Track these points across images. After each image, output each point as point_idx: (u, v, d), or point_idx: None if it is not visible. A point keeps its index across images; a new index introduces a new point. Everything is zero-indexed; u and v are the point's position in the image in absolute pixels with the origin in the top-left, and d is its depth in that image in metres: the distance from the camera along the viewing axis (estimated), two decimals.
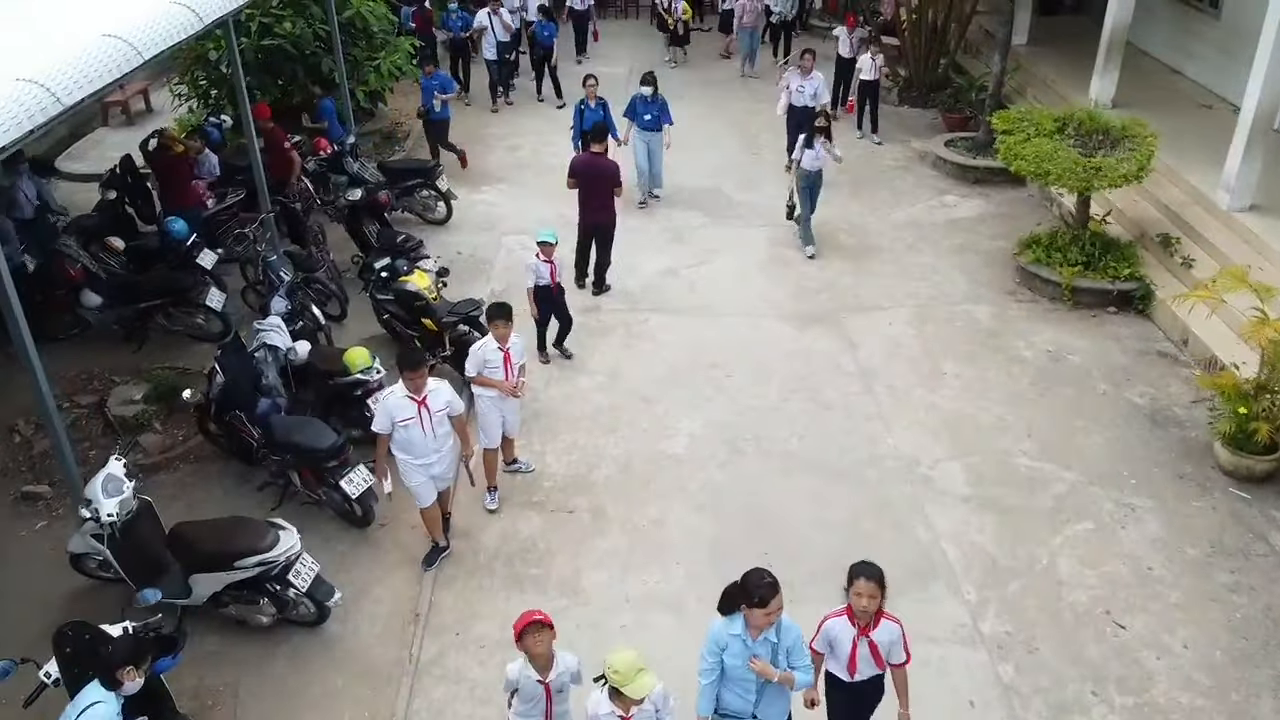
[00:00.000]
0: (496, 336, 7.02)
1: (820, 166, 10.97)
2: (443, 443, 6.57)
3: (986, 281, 10.70)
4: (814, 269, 11.05)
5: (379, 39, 13.92)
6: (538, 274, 8.66)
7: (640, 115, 12.02)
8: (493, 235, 11.95)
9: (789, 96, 12.83)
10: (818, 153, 10.87)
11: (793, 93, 12.75)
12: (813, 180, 11.07)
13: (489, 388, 7.12)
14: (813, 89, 12.66)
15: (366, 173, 11.83)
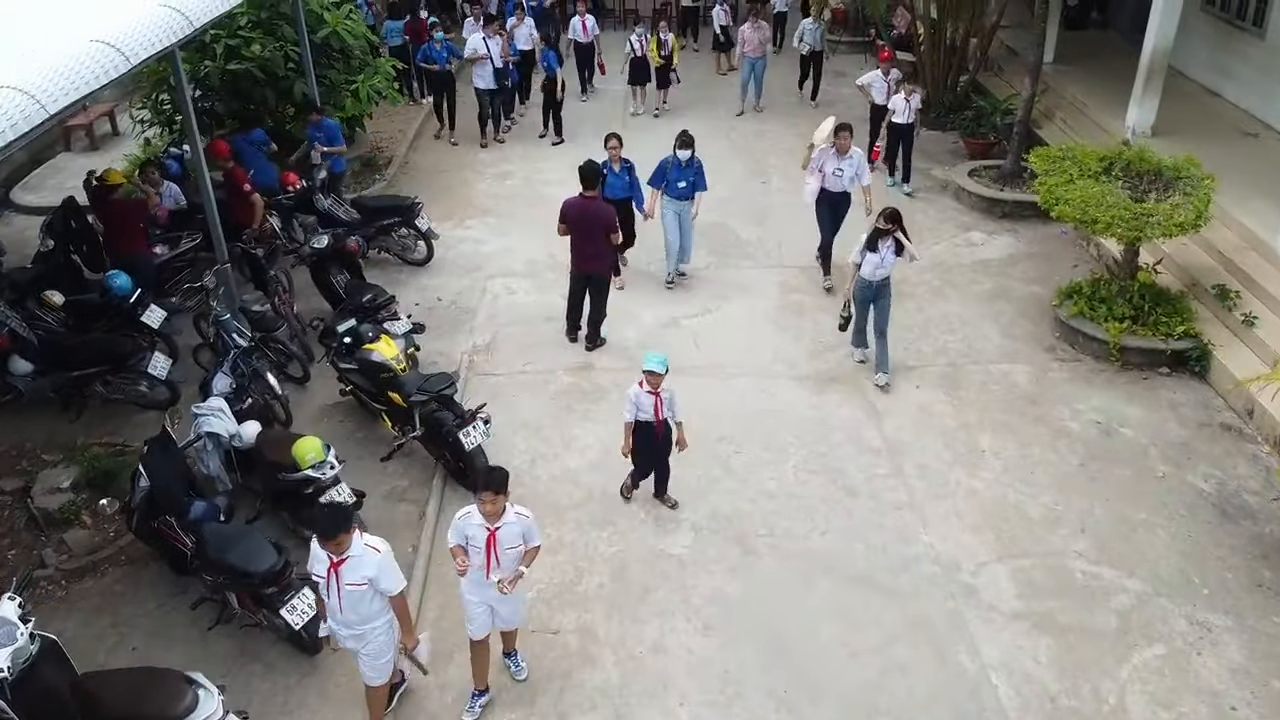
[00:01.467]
0: (484, 512, 5.26)
1: (887, 274, 8.64)
2: (365, 620, 5.15)
3: (1022, 335, 9.66)
4: (830, 319, 10.00)
5: (357, 60, 12.90)
6: (638, 406, 6.85)
7: (674, 183, 10.03)
8: (477, 279, 10.91)
9: (821, 180, 10.14)
10: (883, 258, 8.47)
11: (827, 176, 10.09)
12: (876, 291, 8.69)
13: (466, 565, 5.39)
14: (851, 171, 10.05)
15: (340, 210, 10.84)
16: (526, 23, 15.55)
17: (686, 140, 10.03)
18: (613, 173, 9.94)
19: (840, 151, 9.94)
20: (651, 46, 15.21)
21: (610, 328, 9.64)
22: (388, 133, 14.99)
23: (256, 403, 7.41)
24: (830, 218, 10.32)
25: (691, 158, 10.04)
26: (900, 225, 8.39)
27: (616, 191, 9.92)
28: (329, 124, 11.66)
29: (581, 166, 8.91)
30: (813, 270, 10.93)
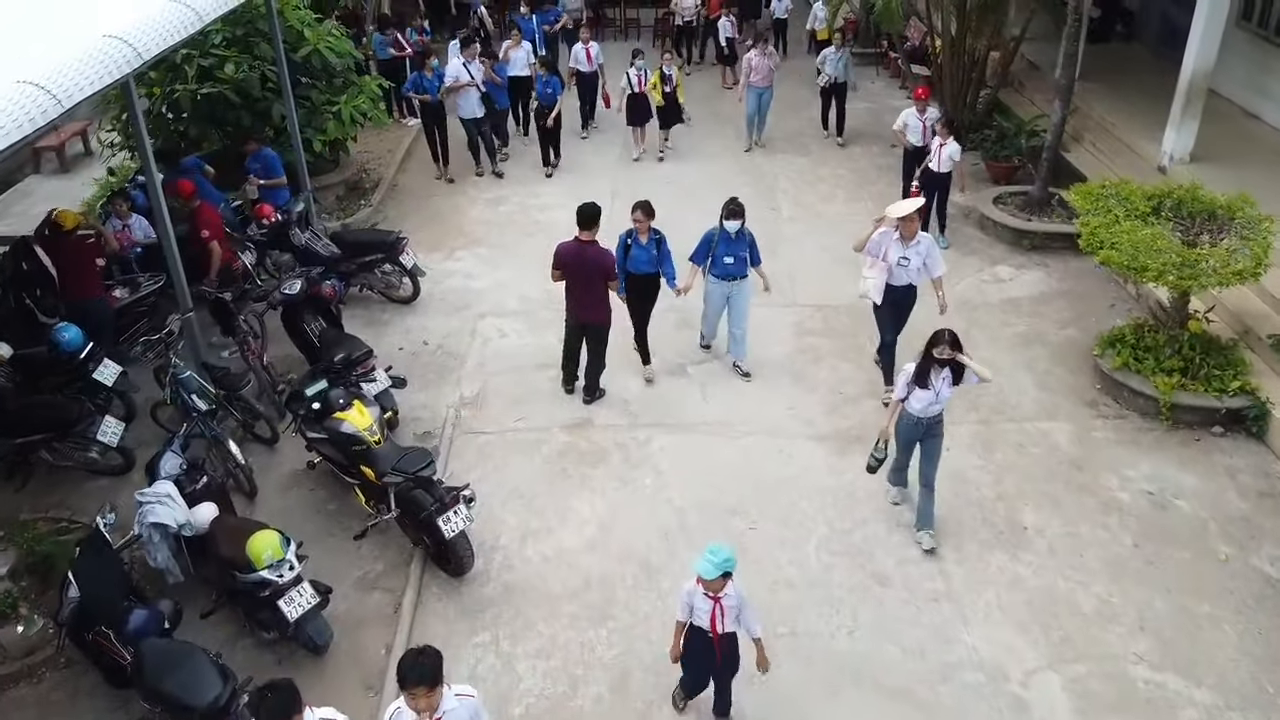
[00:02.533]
0: (415, 708, 4.35)
1: (940, 410, 6.74)
2: None
3: (1060, 387, 8.85)
4: (849, 368, 9.21)
5: (340, 80, 12.08)
6: (692, 608, 5.24)
7: (720, 258, 8.53)
8: (466, 318, 10.10)
9: (884, 273, 8.13)
10: (939, 393, 6.56)
11: (891, 267, 8.12)
12: (926, 429, 6.77)
13: None
14: (919, 260, 8.07)
15: (318, 244, 10.02)
16: (524, 46, 14.19)
17: (735, 209, 8.43)
18: (639, 244, 8.43)
19: (906, 237, 8.00)
20: (653, 81, 13.44)
21: (610, 376, 8.84)
22: (376, 153, 14.18)
23: (213, 481, 6.59)
24: (893, 316, 8.43)
25: (741, 229, 8.49)
26: (960, 348, 6.50)
27: (641, 266, 8.45)
28: (266, 154, 10.61)
29: (581, 207, 8.10)
30: (829, 311, 10.14)
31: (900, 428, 6.76)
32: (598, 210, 8.09)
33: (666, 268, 8.55)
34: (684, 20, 18.06)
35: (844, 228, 11.90)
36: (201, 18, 7.92)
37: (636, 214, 8.42)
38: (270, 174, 10.49)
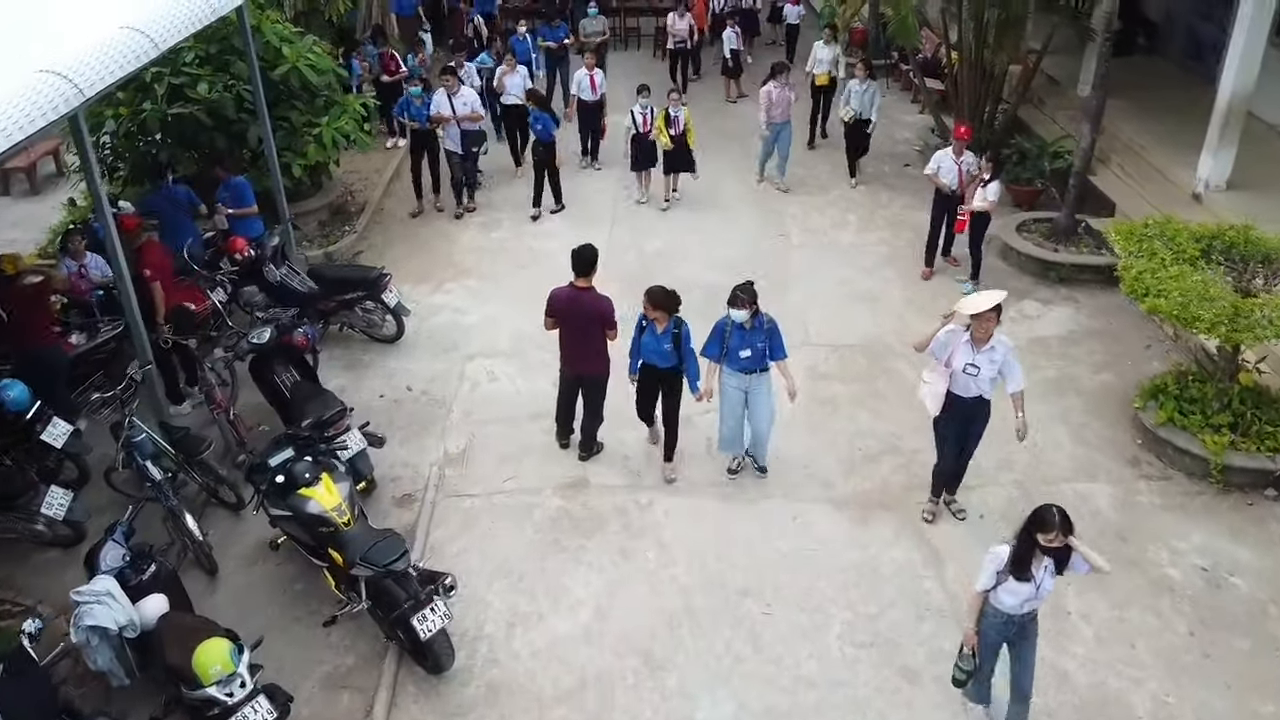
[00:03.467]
0: None
1: (1041, 603, 5.31)
2: None
3: (1099, 442, 8.15)
4: (869, 418, 8.50)
5: (322, 100, 11.36)
6: None
7: (735, 351, 7.17)
8: (454, 360, 9.38)
9: (948, 381, 6.69)
10: (1040, 585, 5.13)
11: (956, 374, 6.63)
12: (1019, 628, 5.35)
13: None
14: (993, 370, 6.60)
15: (295, 280, 9.32)
16: (519, 71, 13.07)
17: (744, 296, 7.02)
18: (653, 333, 7.21)
19: (978, 341, 6.50)
20: (658, 124, 12.02)
21: (609, 429, 8.14)
22: (364, 173, 13.47)
23: (163, 569, 5.87)
24: (956, 435, 6.94)
25: (755, 316, 7.08)
26: (1071, 529, 5.02)
27: (655, 358, 7.27)
28: (236, 182, 9.81)
29: (577, 250, 7.39)
30: (845, 352, 9.44)
31: (985, 627, 5.31)
32: (594, 255, 7.39)
33: (690, 366, 7.31)
34: (676, 43, 16.52)
35: (858, 258, 11.26)
36: None
37: (645, 303, 7.18)
38: (241, 203, 9.75)
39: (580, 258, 7.32)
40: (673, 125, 11.92)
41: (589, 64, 13.18)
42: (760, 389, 7.38)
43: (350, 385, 9.01)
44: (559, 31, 15.43)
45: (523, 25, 14.87)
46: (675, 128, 11.93)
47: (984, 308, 6.41)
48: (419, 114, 11.90)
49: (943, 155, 10.32)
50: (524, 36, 14.62)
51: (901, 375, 9.04)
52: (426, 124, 11.88)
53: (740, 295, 7.08)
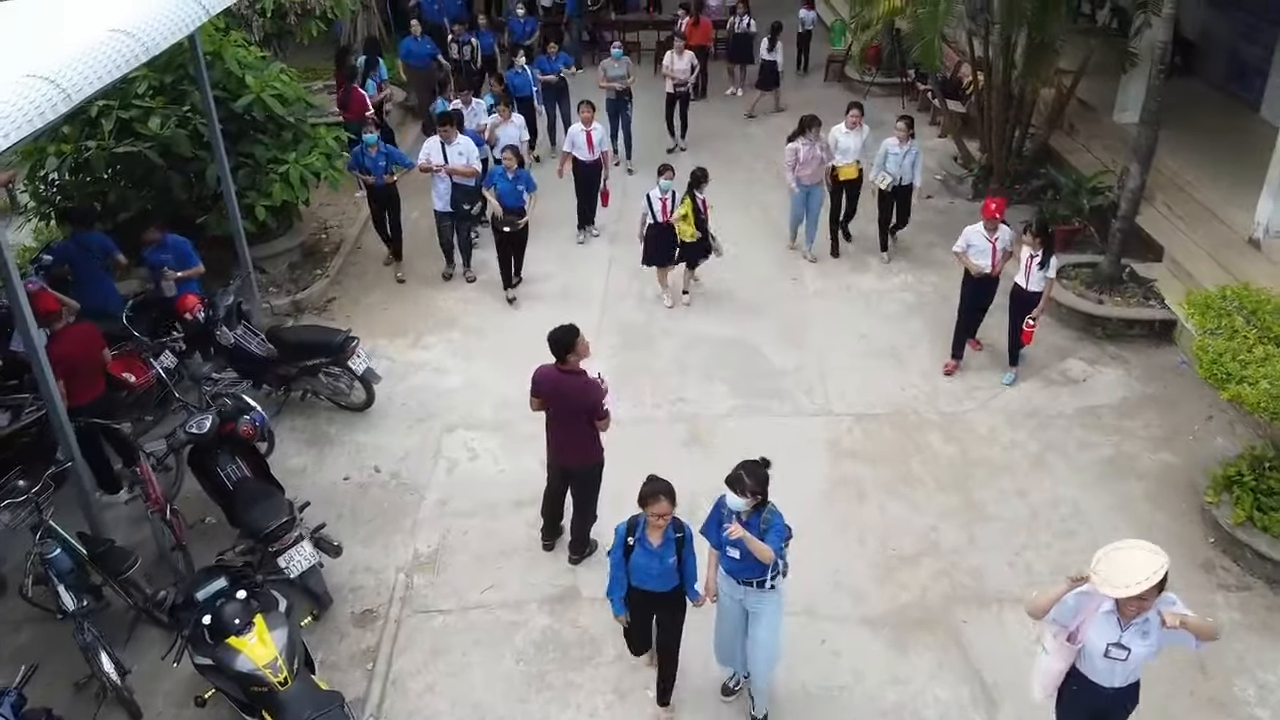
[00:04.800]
0: None
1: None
2: None
3: (1166, 541, 6.93)
4: (902, 508, 7.46)
5: (292, 132, 10.31)
6: None
7: (724, 552, 5.32)
8: (430, 433, 8.34)
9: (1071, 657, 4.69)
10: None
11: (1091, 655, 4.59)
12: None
13: None
14: (1146, 650, 4.50)
15: (252, 343, 8.30)
16: (515, 122, 11.32)
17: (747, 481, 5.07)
18: (645, 547, 5.23)
19: (1127, 615, 4.45)
20: (682, 211, 9.64)
21: (604, 523, 7.08)
22: (341, 206, 12.40)
23: None
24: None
25: (761, 505, 5.15)
26: None
27: (649, 580, 5.31)
28: (174, 242, 8.68)
29: (552, 334, 6.31)
30: (870, 422, 8.40)
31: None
32: (570, 338, 6.25)
33: (688, 572, 5.38)
34: (676, 86, 13.91)
35: (879, 305, 10.22)
36: None
37: (657, 505, 5.11)
38: (187, 264, 8.66)
39: (554, 341, 6.27)
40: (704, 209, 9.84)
41: (585, 117, 10.96)
42: (764, 608, 5.35)
43: (312, 464, 7.97)
44: (557, 63, 13.65)
45: (520, 57, 13.37)
46: (700, 215, 9.81)
47: (1140, 587, 4.20)
48: (375, 166, 10.21)
49: (973, 233, 8.65)
50: (522, 69, 13.10)
51: (935, 453, 8.01)
52: (384, 178, 10.23)
53: (743, 478, 5.06)
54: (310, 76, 15.97)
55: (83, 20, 6.73)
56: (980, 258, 8.64)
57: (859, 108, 10.80)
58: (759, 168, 13.71)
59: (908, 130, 10.44)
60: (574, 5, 17.96)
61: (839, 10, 19.19)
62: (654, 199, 9.67)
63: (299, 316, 10.11)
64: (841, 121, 10.69)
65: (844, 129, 10.60)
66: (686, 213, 9.57)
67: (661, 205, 9.64)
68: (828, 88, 17.11)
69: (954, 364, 9.06)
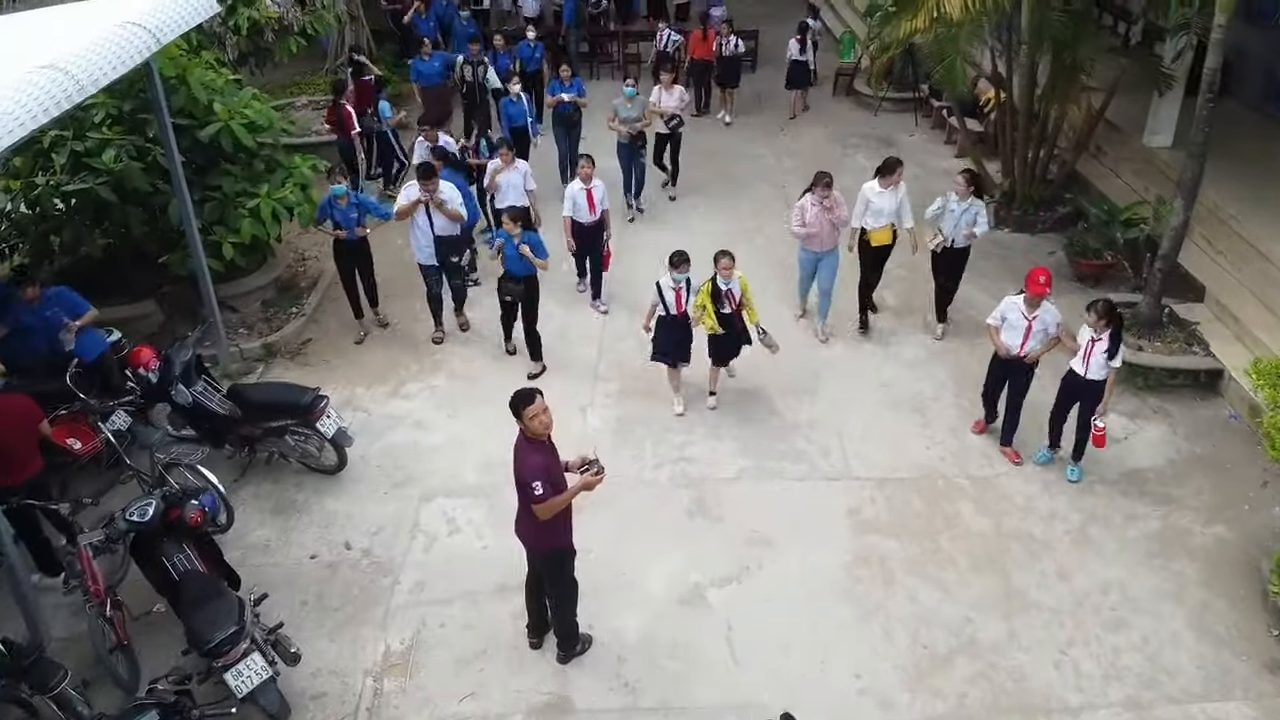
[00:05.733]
0: None
1: None
2: None
3: (1226, 634, 6.32)
4: (932, 593, 6.68)
5: (264, 162, 9.56)
6: None
7: None
8: (407, 501, 7.57)
9: None
10: None
11: None
12: None
13: None
14: None
15: (212, 401, 7.54)
16: (518, 168, 9.87)
17: None
18: None
19: None
20: (700, 299, 7.96)
21: (598, 616, 6.33)
22: (320, 235, 11.56)
23: None
24: None
25: None
26: None
27: None
28: (57, 294, 7.75)
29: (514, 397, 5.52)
30: (894, 487, 7.62)
31: None
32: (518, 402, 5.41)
33: None
34: (669, 123, 12.05)
35: (900, 349, 9.43)
36: None
37: None
38: (77, 311, 7.71)
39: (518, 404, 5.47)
40: (723, 304, 7.98)
41: (585, 173, 9.47)
42: None
43: (276, 538, 7.21)
44: (571, 88, 12.04)
45: (515, 84, 12.03)
46: (730, 304, 7.99)
47: None
48: (344, 218, 9.01)
49: (1011, 305, 7.45)
50: (517, 98, 11.93)
51: (967, 525, 7.24)
52: (355, 231, 9.10)
53: None
54: (295, 91, 15.41)
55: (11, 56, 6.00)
56: (1010, 335, 7.46)
57: (898, 165, 9.03)
58: (766, 193, 12.94)
59: (968, 184, 8.81)
60: (572, 16, 17.19)
61: (847, 21, 18.46)
62: (665, 288, 7.99)
63: (270, 361, 9.35)
64: (874, 179, 9.09)
65: (877, 186, 8.95)
66: (705, 302, 7.93)
67: (675, 296, 8.02)
68: (836, 102, 16.34)
69: (982, 424, 8.19)
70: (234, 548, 7.05)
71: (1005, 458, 7.88)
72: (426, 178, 8.83)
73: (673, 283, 7.96)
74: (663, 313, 8.09)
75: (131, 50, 6.47)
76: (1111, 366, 7.13)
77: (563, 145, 12.45)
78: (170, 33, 7.01)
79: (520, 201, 9.68)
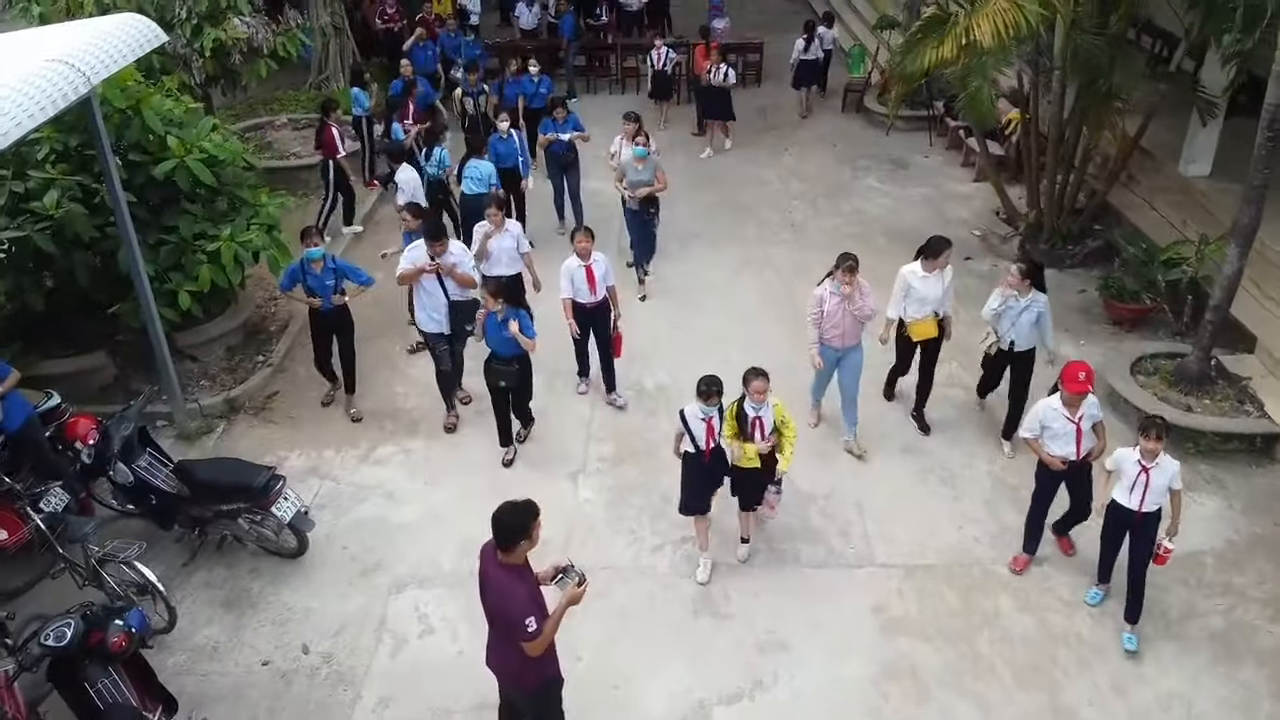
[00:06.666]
0: None
1: None
2: None
3: None
4: (972, 713, 5.85)
5: (226, 199, 8.73)
6: None
7: None
8: (374, 592, 6.74)
9: None
10: None
11: None
12: None
13: None
14: None
15: (157, 478, 6.72)
16: (510, 231, 8.57)
17: None
18: None
19: None
20: (727, 429, 6.42)
21: None
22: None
23: None
24: None
25: None
26: None
27: None
28: None
29: (500, 512, 4.68)
30: (924, 577, 6.81)
31: None
32: (522, 521, 4.62)
33: None
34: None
35: (931, 407, 8.46)
36: None
37: None
38: None
39: (498, 525, 4.63)
40: (751, 434, 6.37)
41: (582, 248, 7.96)
42: None
43: (225, 639, 6.39)
44: (566, 126, 10.96)
45: (504, 121, 10.76)
46: (761, 434, 6.37)
47: None
48: (319, 285, 7.90)
49: (1048, 412, 6.32)
50: (507, 135, 10.64)
51: (1007, 626, 6.41)
52: (330, 304, 7.97)
53: None
54: (277, 108, 14.61)
55: None
56: (1060, 444, 6.34)
57: (945, 246, 7.57)
58: (773, 221, 12.15)
59: (1023, 278, 7.28)
60: (570, 29, 16.37)
61: (856, 34, 17.64)
62: (693, 420, 6.39)
63: (233, 418, 8.54)
64: (916, 260, 7.67)
65: (919, 269, 7.58)
66: (733, 432, 6.40)
67: (706, 430, 6.37)
68: (846, 119, 15.54)
69: (1026, 559, 6.81)
70: (179, 650, 6.26)
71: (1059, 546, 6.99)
72: (435, 238, 7.63)
73: (701, 413, 6.32)
74: (689, 448, 6.50)
75: (55, 94, 5.65)
76: (1171, 488, 5.98)
77: (558, 181, 11.40)
78: (103, 71, 6.18)
79: (512, 269, 8.58)
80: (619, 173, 10.04)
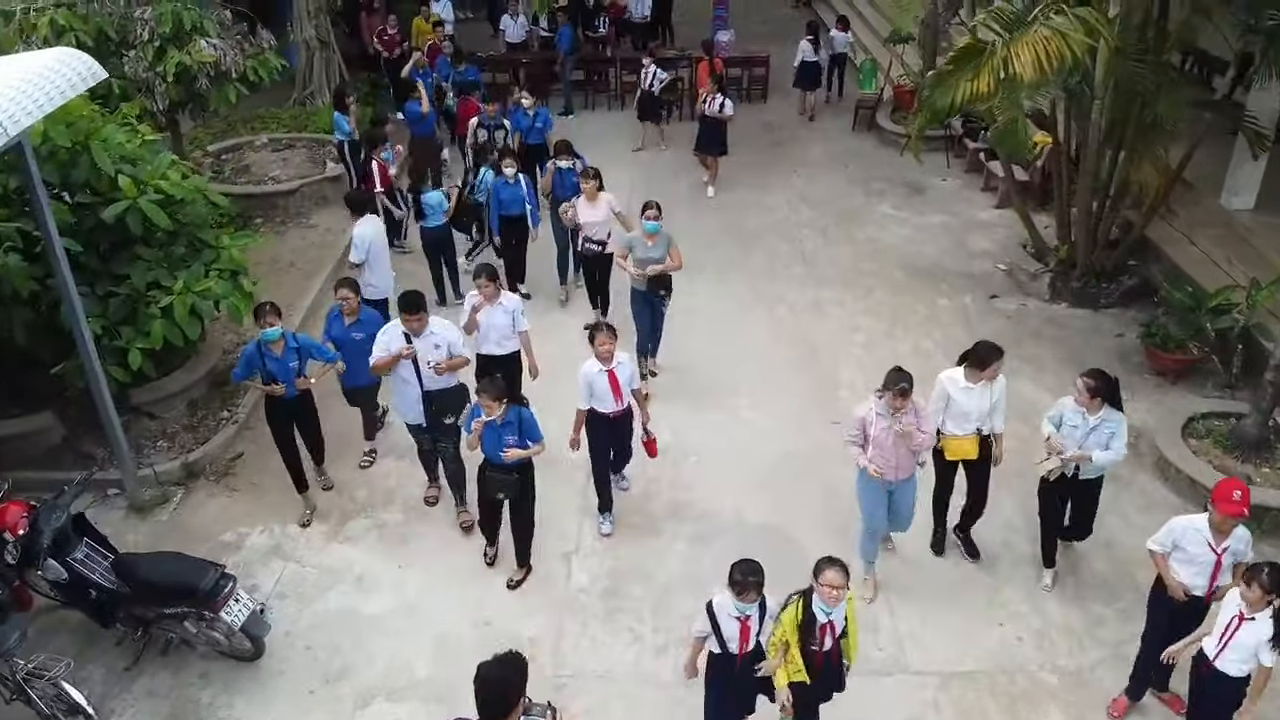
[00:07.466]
0: None
1: None
2: None
3: None
4: None
5: (185, 242, 7.93)
6: None
7: None
8: (338, 705, 5.94)
9: None
10: None
11: None
12: None
13: None
14: None
15: (95, 571, 5.94)
16: (506, 304, 7.43)
17: None
18: None
19: None
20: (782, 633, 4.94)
21: None
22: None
23: None
24: None
25: None
26: None
27: None
28: None
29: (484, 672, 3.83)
30: (960, 683, 5.98)
31: None
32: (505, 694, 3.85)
33: None
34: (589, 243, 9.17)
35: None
36: None
37: None
38: None
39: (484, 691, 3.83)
40: (823, 638, 4.96)
41: (604, 351, 6.64)
42: None
43: None
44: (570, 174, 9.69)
45: (509, 166, 9.43)
46: (828, 638, 4.98)
47: None
48: (280, 370, 6.85)
49: (1189, 529, 5.26)
50: (513, 180, 9.43)
51: None
52: (295, 390, 6.94)
53: None
54: (257, 126, 13.88)
55: None
56: (1193, 572, 5.28)
57: (996, 355, 6.33)
58: (783, 252, 11.39)
59: (1092, 394, 5.98)
60: (569, 42, 15.55)
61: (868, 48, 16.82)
62: (722, 615, 4.96)
63: (191, 485, 7.77)
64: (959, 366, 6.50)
65: (962, 380, 6.39)
66: (790, 638, 4.93)
67: (740, 631, 4.97)
68: (858, 138, 14.75)
69: (1126, 703, 5.79)
70: None
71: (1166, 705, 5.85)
72: (411, 311, 6.59)
73: (736, 611, 4.91)
74: (715, 649, 5.07)
75: None
76: (1265, 665, 4.84)
77: (562, 239, 9.91)
78: (25, 120, 5.38)
79: (503, 348, 7.51)
80: (622, 249, 8.55)
